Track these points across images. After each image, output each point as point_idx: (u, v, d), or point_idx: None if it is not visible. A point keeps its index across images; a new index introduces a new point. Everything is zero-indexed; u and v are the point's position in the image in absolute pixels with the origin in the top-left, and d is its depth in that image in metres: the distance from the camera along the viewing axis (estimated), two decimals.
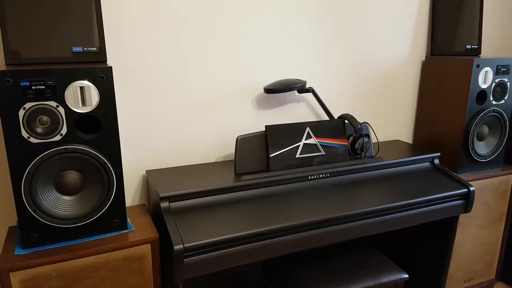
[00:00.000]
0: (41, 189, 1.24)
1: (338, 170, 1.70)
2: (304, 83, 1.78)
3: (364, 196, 1.63)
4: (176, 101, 1.69)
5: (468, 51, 2.24)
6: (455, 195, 1.76)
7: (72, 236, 1.32)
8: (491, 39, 2.43)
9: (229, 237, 1.34)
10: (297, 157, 1.66)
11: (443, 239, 1.93)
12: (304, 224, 1.45)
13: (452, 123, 2.00)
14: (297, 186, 1.64)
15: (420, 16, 2.14)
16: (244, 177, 1.56)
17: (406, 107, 2.25)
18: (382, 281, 1.66)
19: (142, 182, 1.71)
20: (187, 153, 1.77)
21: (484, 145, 2.04)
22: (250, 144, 1.61)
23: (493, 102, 1.98)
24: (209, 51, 1.71)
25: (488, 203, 2.03)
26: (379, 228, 1.61)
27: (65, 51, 1.35)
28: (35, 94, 1.19)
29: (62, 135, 1.24)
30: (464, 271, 2.10)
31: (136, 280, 1.37)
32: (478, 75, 1.90)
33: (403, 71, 2.18)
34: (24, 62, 1.30)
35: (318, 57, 1.94)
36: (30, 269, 1.21)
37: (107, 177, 1.31)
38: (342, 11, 1.93)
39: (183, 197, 1.45)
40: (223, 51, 1.73)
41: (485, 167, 2.06)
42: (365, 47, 2.04)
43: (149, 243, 1.36)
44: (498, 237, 2.15)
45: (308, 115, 1.99)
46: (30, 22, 1.30)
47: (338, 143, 1.73)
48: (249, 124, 1.86)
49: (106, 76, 1.26)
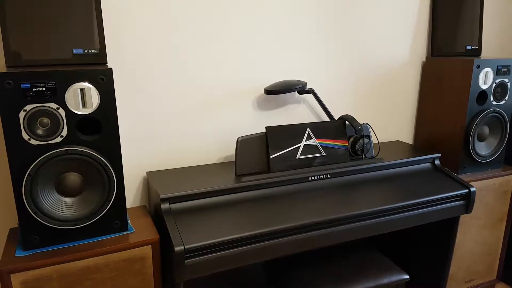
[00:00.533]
0: (41, 191, 1.24)
1: (339, 171, 1.70)
2: (304, 84, 1.78)
3: (365, 197, 1.63)
4: (176, 102, 1.69)
5: (469, 51, 2.24)
6: (455, 196, 1.76)
7: (73, 237, 1.32)
8: (491, 39, 2.43)
9: (230, 239, 1.34)
10: (297, 158, 1.66)
11: (444, 240, 1.93)
12: (305, 225, 1.45)
13: (453, 124, 2.00)
14: (298, 187, 1.63)
15: (421, 17, 2.14)
16: (245, 178, 1.56)
17: (407, 107, 2.24)
18: (383, 282, 1.66)
19: (143, 183, 1.71)
20: (188, 154, 1.77)
21: (485, 146, 2.03)
22: (251, 145, 1.61)
23: (493, 102, 1.98)
24: (209, 52, 1.71)
25: (489, 203, 2.03)
26: (380, 229, 1.61)
27: (65, 52, 1.35)
28: (36, 96, 1.19)
29: (63, 137, 1.24)
30: (465, 271, 2.10)
31: (137, 281, 1.37)
32: (479, 76, 1.90)
33: (404, 71, 2.18)
34: (24, 64, 1.30)
35: (319, 58, 1.94)
36: (31, 271, 1.21)
37: (108, 179, 1.32)
38: (343, 12, 1.94)
39: (183, 198, 1.45)
40: (223, 52, 1.73)
41: (486, 168, 2.06)
42: (365, 47, 2.04)
43: (149, 245, 1.36)
44: (499, 237, 2.15)
45: (309, 116, 1.99)
46: (30, 23, 1.30)
47: (339, 144, 1.73)
48: (250, 125, 1.86)
49: (106, 77, 1.26)
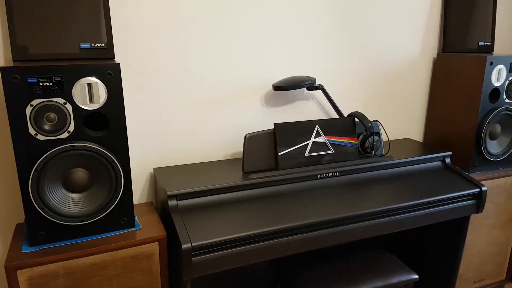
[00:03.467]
0: (48, 187, 1.24)
1: (348, 169, 1.68)
2: (313, 80, 1.76)
3: (374, 196, 1.61)
4: (184, 98, 1.68)
5: (481, 48, 2.20)
6: (466, 195, 1.73)
7: (79, 234, 1.31)
8: (505, 36, 2.39)
9: (237, 236, 1.32)
10: (306, 155, 1.64)
11: (454, 240, 1.91)
12: (313, 223, 1.43)
13: (464, 122, 1.97)
14: (306, 185, 1.62)
15: (432, 12, 2.10)
16: (252, 176, 1.55)
17: (417, 105, 2.21)
18: (392, 282, 1.64)
19: (150, 179, 1.70)
20: (195, 151, 1.75)
21: (497, 144, 2.00)
22: (259, 142, 1.59)
23: (506, 100, 1.94)
24: (218, 49, 1.69)
25: (499, 203, 2.00)
26: (389, 228, 1.58)
27: (72, 47, 1.34)
28: (43, 90, 1.18)
29: (70, 132, 1.23)
30: (475, 271, 2.08)
31: (144, 278, 1.36)
32: (491, 73, 1.87)
33: (415, 68, 2.14)
34: (31, 59, 1.29)
35: (328, 54, 1.91)
36: (37, 267, 1.21)
37: (115, 175, 1.30)
38: (353, 8, 1.90)
39: (191, 195, 1.44)
40: (231, 49, 1.71)
41: (498, 167, 2.02)
42: (375, 43, 2.01)
43: (156, 242, 1.35)
44: (509, 238, 2.12)
45: (317, 113, 1.97)
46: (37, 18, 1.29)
47: (348, 141, 1.71)
48: (258, 122, 1.84)
49: (114, 73, 1.25)
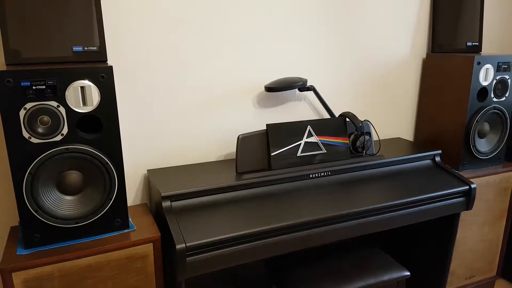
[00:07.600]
0: (42, 189, 1.24)
1: (340, 168, 1.70)
2: (305, 81, 1.78)
3: (366, 194, 1.63)
4: (176, 100, 1.69)
5: (469, 48, 2.23)
6: (456, 193, 1.76)
7: (74, 236, 1.32)
8: (492, 36, 2.43)
9: (231, 236, 1.34)
10: (298, 155, 1.65)
11: (444, 237, 1.93)
12: (306, 222, 1.45)
13: (453, 121, 2.00)
14: (299, 184, 1.63)
15: (421, 13, 2.13)
16: (246, 176, 1.56)
17: (407, 104, 2.24)
18: (383, 279, 1.66)
19: (144, 181, 1.71)
20: (188, 152, 1.77)
21: (485, 142, 2.03)
22: (251, 143, 1.60)
23: (494, 99, 1.97)
24: (210, 50, 1.70)
25: (489, 200, 2.03)
26: (381, 226, 1.61)
27: (65, 50, 1.34)
28: (36, 94, 1.18)
29: (63, 135, 1.24)
30: (466, 268, 2.10)
31: (138, 279, 1.37)
32: (479, 72, 1.90)
33: (404, 68, 2.17)
34: (24, 62, 1.30)
35: (319, 56, 1.93)
36: (32, 269, 1.21)
37: (109, 177, 1.31)
38: (343, 9, 1.93)
39: (184, 196, 1.45)
40: (223, 50, 1.73)
41: (486, 164, 2.06)
42: (365, 44, 2.03)
43: (151, 243, 1.36)
44: (499, 234, 2.15)
45: (309, 113, 1.98)
46: (30, 21, 1.29)
47: (339, 141, 1.73)
48: (250, 123, 1.86)
49: (106, 75, 1.26)
